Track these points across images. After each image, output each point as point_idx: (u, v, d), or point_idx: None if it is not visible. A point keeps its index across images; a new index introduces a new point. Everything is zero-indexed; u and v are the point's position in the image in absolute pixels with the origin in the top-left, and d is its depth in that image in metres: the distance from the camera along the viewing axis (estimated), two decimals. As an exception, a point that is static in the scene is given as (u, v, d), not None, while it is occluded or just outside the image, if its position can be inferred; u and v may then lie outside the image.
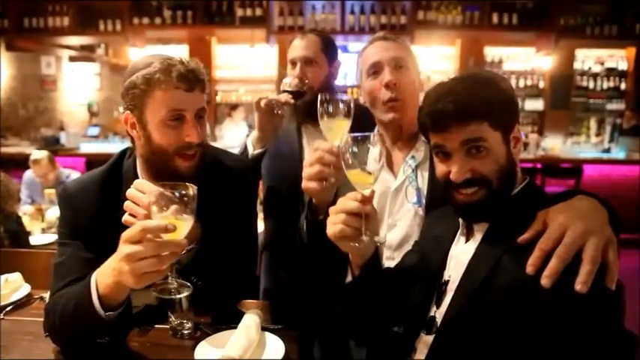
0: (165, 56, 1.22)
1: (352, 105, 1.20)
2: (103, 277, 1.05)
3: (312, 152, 1.22)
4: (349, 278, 1.22)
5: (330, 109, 1.19)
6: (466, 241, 1.14)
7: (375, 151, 1.51)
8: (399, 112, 1.42)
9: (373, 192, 1.07)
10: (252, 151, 1.72)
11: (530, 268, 0.90)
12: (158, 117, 1.19)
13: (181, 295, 1.06)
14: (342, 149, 1.05)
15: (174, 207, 0.97)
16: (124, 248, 0.96)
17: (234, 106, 6.76)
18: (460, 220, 1.16)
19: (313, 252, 1.42)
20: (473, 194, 1.04)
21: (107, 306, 1.06)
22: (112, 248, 1.10)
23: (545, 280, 0.87)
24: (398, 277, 1.29)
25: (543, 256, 0.90)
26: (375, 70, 1.44)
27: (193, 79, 1.20)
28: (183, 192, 0.98)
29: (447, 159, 1.07)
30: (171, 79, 1.17)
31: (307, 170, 1.21)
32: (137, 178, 1.30)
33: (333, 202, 1.30)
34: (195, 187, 1.00)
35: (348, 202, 1.05)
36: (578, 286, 0.85)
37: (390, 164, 1.51)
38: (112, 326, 1.09)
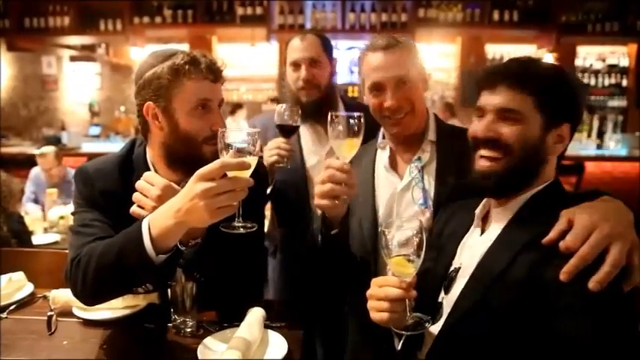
0: (185, 50, 1.30)
1: (362, 121, 1.22)
2: (161, 220, 1.07)
3: (324, 169, 1.26)
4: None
5: (341, 127, 1.22)
6: (481, 233, 1.14)
7: (384, 155, 1.53)
8: (404, 126, 1.44)
9: (415, 278, 1.04)
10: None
11: (564, 276, 0.89)
12: (187, 106, 1.25)
13: (248, 230, 1.11)
14: (386, 237, 1.03)
15: (237, 151, 1.04)
16: (198, 186, 0.99)
17: (237, 105, 6.75)
18: (476, 211, 1.16)
19: (328, 262, 1.46)
20: (494, 160, 1.05)
21: (158, 249, 1.08)
22: (122, 226, 1.16)
23: (563, 276, 0.88)
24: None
25: (570, 256, 0.90)
26: (377, 89, 1.42)
27: (217, 70, 1.30)
28: (251, 134, 1.05)
29: (482, 118, 1.09)
30: (201, 70, 1.25)
31: (319, 187, 1.25)
32: (147, 166, 1.35)
33: (346, 216, 1.35)
34: (258, 131, 1.07)
35: (391, 289, 1.03)
36: (592, 284, 0.85)
37: (394, 165, 1.52)
38: (159, 270, 1.11)
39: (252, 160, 1.05)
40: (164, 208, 1.08)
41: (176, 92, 1.25)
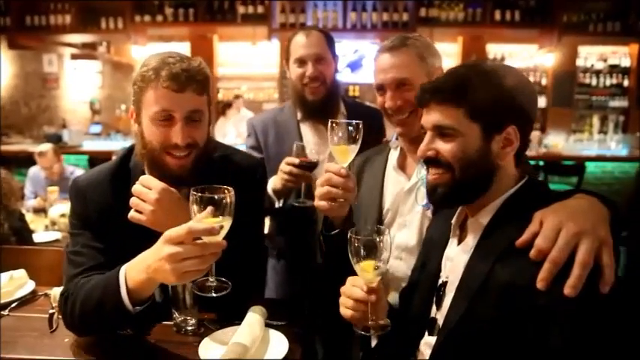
0: (166, 54, 1.21)
1: (361, 127, 1.26)
2: (135, 273, 1.08)
3: (324, 172, 1.30)
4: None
5: (340, 134, 1.25)
6: (458, 243, 1.13)
7: (395, 155, 1.54)
8: (408, 126, 1.45)
9: (380, 283, 1.10)
10: (277, 204, 1.78)
11: (540, 284, 0.87)
12: (148, 115, 1.20)
13: (220, 294, 1.08)
14: (353, 244, 1.06)
15: (213, 209, 1.00)
16: (165, 249, 0.98)
17: (227, 105, 6.67)
18: (453, 220, 1.15)
19: (330, 261, 1.47)
20: (437, 177, 1.06)
21: (134, 300, 1.09)
22: (121, 240, 1.17)
23: (540, 284, 0.87)
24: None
25: (542, 259, 0.88)
26: (379, 89, 1.47)
27: (185, 79, 1.18)
28: (222, 195, 1.01)
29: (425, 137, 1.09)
30: (159, 78, 1.17)
31: (318, 190, 1.28)
32: (144, 173, 1.32)
33: (348, 218, 1.37)
34: (233, 191, 1.03)
35: (355, 290, 1.10)
36: (567, 289, 0.84)
37: (403, 166, 1.53)
38: (136, 319, 1.13)
39: (226, 222, 1.01)
40: (138, 260, 1.08)
41: (142, 100, 1.21)
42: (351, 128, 1.25)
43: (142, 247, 1.11)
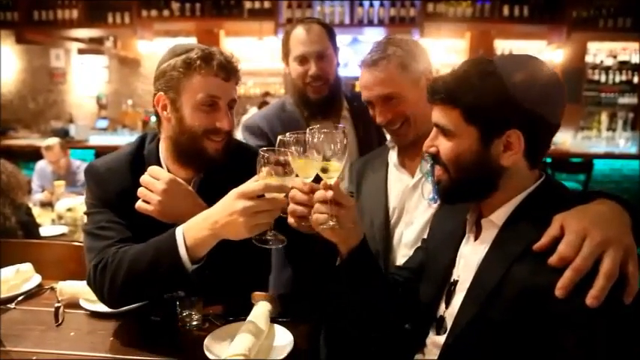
0: (204, 46, 1.30)
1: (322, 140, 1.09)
2: (196, 231, 1.12)
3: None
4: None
5: (298, 146, 1.09)
6: (475, 240, 1.11)
7: (394, 154, 1.54)
8: (401, 136, 1.46)
9: (338, 181, 1.09)
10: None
11: (560, 292, 0.84)
12: (193, 100, 1.25)
13: (278, 246, 1.15)
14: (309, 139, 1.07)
15: (270, 170, 1.07)
16: (239, 203, 1.05)
17: (264, 102, 6.67)
18: (468, 216, 1.14)
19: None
20: (440, 174, 1.07)
21: (191, 259, 1.13)
22: (136, 225, 1.22)
23: (559, 292, 0.84)
24: (407, 274, 1.29)
25: (564, 265, 0.85)
26: (368, 103, 1.47)
27: (231, 69, 1.29)
28: (287, 157, 1.08)
29: None
30: (212, 67, 1.25)
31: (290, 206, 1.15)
32: (159, 161, 1.35)
33: None
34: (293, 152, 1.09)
35: (319, 190, 1.10)
36: (589, 300, 0.81)
37: (403, 164, 1.52)
38: (192, 278, 1.15)
39: (289, 181, 1.09)
40: (199, 219, 1.12)
41: (185, 86, 1.26)
42: (311, 140, 1.07)
43: (158, 231, 1.16)
